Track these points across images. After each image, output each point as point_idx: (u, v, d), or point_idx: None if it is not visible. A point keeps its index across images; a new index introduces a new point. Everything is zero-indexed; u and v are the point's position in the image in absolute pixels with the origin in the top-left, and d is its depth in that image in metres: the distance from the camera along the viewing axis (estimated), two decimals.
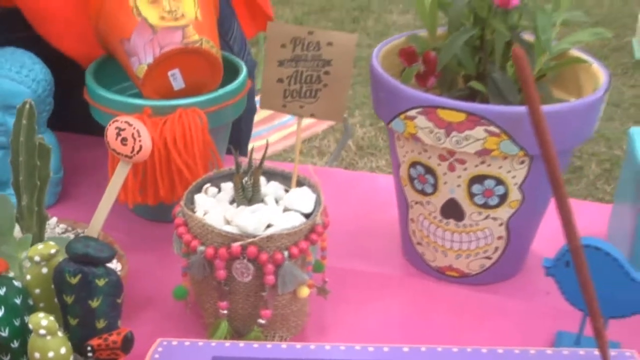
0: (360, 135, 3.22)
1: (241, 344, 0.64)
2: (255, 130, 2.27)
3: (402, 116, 0.73)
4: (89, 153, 1.03)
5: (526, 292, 0.81)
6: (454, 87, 0.80)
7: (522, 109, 0.69)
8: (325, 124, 2.38)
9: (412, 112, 0.72)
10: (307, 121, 2.38)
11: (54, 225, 0.79)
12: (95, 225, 0.73)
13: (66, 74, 0.91)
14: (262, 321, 0.70)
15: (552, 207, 0.79)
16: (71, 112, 0.93)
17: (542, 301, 0.80)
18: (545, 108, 0.69)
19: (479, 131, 0.70)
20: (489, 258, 0.80)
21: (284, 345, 0.64)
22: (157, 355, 0.63)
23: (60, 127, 0.94)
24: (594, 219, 0.90)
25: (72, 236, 0.79)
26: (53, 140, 0.92)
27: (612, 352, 0.65)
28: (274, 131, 2.33)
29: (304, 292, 0.71)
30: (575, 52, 0.81)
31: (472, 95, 0.77)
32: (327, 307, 0.78)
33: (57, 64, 0.90)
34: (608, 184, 2.92)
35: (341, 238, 0.86)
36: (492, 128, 0.70)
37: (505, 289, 0.82)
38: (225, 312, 0.70)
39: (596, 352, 0.65)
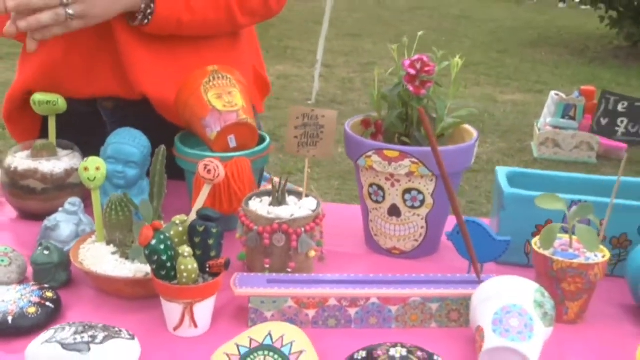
0: None
1: (281, 275, 1.03)
2: None
3: (364, 156, 1.14)
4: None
5: (440, 261, 1.21)
6: (392, 141, 1.21)
7: (429, 149, 1.11)
8: None
9: (370, 153, 1.13)
10: None
11: None
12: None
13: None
14: (289, 270, 1.08)
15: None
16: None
17: (448, 265, 1.19)
18: (442, 148, 1.11)
19: (406, 162, 1.11)
20: (416, 241, 1.20)
21: (297, 275, 1.03)
22: (237, 279, 1.00)
23: None
24: None
25: None
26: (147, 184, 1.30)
27: (482, 275, 1.04)
28: None
29: (312, 253, 1.10)
30: (460, 122, 1.23)
31: (403, 145, 1.18)
32: (323, 268, 1.15)
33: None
34: None
35: (330, 231, 1.25)
36: (413, 159, 1.11)
37: (427, 260, 1.21)
38: (267, 266, 1.08)
39: (473, 274, 1.05)
